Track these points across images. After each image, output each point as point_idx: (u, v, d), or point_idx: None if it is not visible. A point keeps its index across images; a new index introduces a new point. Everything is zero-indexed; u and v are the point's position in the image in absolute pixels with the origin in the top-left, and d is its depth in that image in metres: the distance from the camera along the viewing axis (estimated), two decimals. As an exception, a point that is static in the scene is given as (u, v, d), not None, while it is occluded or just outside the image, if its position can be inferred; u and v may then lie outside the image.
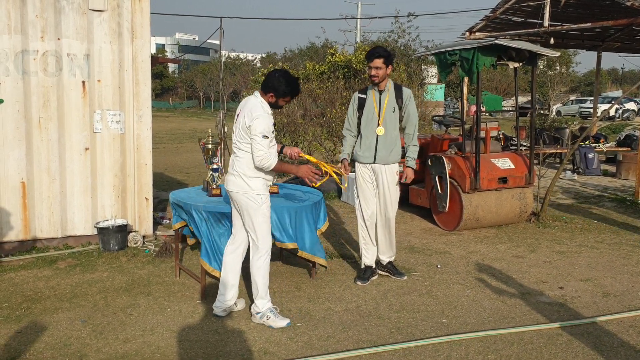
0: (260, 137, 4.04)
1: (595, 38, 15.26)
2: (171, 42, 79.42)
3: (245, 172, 4.19)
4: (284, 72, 4.25)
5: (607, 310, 4.64)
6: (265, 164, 4.09)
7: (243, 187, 4.20)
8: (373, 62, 5.11)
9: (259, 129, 4.04)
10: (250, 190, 4.19)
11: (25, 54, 5.74)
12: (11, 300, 4.71)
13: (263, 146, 4.06)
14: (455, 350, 3.90)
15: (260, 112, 4.11)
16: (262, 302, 4.30)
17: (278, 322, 4.25)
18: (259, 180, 4.21)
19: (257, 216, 4.22)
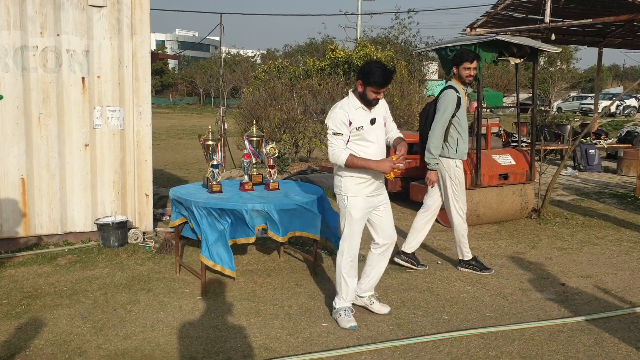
0: (330, 133, 4.04)
1: (596, 34, 15.23)
2: (171, 38, 79.35)
3: (338, 171, 4.19)
4: (377, 61, 4.19)
5: (609, 307, 4.63)
6: (336, 161, 4.05)
7: (336, 185, 4.22)
8: (473, 63, 5.17)
9: (329, 125, 4.06)
10: (340, 189, 4.19)
11: (24, 50, 5.72)
12: (11, 296, 4.70)
13: (332, 142, 4.04)
14: (456, 346, 3.89)
15: (335, 109, 4.09)
16: (339, 301, 4.29)
17: (344, 323, 4.19)
18: (349, 179, 4.14)
19: (345, 216, 4.18)
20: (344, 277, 4.25)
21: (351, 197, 4.13)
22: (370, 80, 3.96)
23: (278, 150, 5.84)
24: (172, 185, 7.39)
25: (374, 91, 4.01)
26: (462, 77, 5.27)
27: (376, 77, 3.94)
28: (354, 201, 4.14)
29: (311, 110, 12.26)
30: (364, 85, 4.01)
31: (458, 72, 5.28)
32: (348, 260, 4.23)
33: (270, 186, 5.32)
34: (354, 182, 4.13)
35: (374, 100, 4.07)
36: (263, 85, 12.82)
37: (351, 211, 4.14)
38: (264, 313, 4.42)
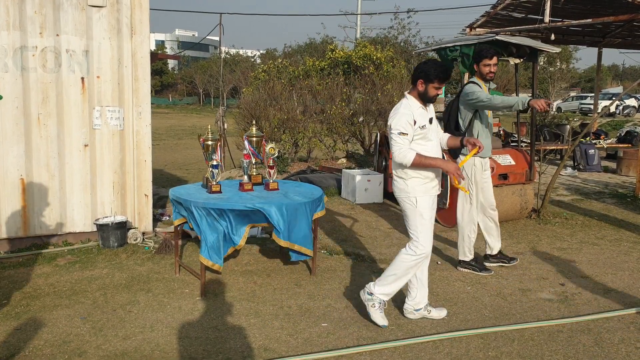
0: (396, 133, 4.03)
1: (596, 34, 15.22)
2: (171, 38, 79.34)
3: (400, 174, 4.19)
4: (433, 59, 4.28)
5: (608, 307, 4.63)
6: (404, 160, 4.02)
7: (400, 189, 4.20)
8: (493, 59, 5.22)
9: (394, 126, 4.05)
10: (406, 192, 4.17)
11: (24, 50, 5.71)
12: (10, 297, 4.70)
13: (398, 142, 4.03)
14: (456, 347, 3.89)
15: (398, 110, 4.11)
16: (381, 289, 4.22)
17: (377, 317, 4.20)
18: (414, 180, 4.15)
19: (415, 217, 4.16)
20: (405, 275, 4.21)
21: (420, 198, 4.15)
22: (432, 77, 4.05)
23: (277, 150, 5.84)
24: (171, 186, 7.39)
25: (436, 87, 4.10)
26: (482, 74, 5.36)
27: (439, 72, 4.05)
28: (422, 201, 4.16)
29: (311, 110, 12.25)
30: (426, 83, 4.09)
31: (479, 69, 5.37)
32: (418, 260, 4.19)
33: (269, 186, 5.32)
34: (420, 183, 4.16)
35: (434, 97, 4.15)
36: (262, 85, 12.81)
37: (422, 212, 4.15)
38: (263, 313, 4.42)
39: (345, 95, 12.25)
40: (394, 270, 4.21)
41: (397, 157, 4.04)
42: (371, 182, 8.55)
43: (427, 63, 4.13)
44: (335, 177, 9.46)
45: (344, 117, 11.93)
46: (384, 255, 5.98)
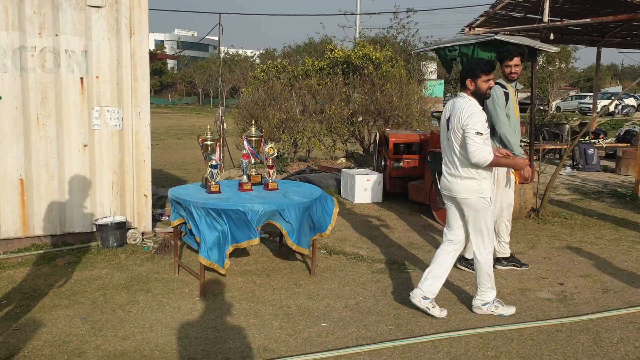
0: (473, 133, 4.08)
1: (595, 34, 15.23)
2: (170, 38, 79.30)
3: (473, 175, 4.24)
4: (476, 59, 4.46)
5: (607, 307, 4.64)
6: (482, 159, 4.08)
7: (473, 190, 4.25)
8: (513, 60, 5.29)
9: (472, 125, 4.09)
10: (480, 192, 4.25)
11: (23, 50, 5.72)
12: (10, 297, 4.70)
13: (476, 142, 4.07)
14: (455, 346, 3.90)
15: (474, 110, 4.16)
16: (487, 296, 4.42)
17: (505, 311, 4.41)
18: (486, 181, 4.27)
19: (488, 216, 4.30)
20: (490, 269, 4.40)
21: (492, 197, 4.33)
22: (478, 72, 4.20)
23: (277, 150, 5.84)
24: (171, 186, 7.39)
25: (485, 80, 4.21)
26: (505, 75, 5.45)
27: (482, 65, 4.21)
28: (493, 200, 4.35)
29: (310, 110, 12.25)
30: (475, 80, 4.22)
31: (502, 70, 5.48)
32: (491, 252, 4.40)
33: (269, 186, 5.32)
34: (490, 183, 4.32)
35: (487, 92, 4.28)
36: (262, 85, 12.79)
37: (492, 209, 4.34)
38: (262, 313, 4.42)
39: (344, 95, 12.25)
40: (483, 276, 4.41)
41: (477, 156, 4.08)
42: (370, 181, 8.55)
43: (468, 63, 4.35)
44: (334, 176, 9.46)
45: (343, 117, 11.93)
46: (383, 255, 5.98)
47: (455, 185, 4.31)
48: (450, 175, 4.35)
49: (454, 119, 4.23)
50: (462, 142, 4.17)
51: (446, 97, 32.48)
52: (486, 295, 4.44)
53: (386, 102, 11.80)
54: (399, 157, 8.59)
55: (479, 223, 4.31)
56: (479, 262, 4.40)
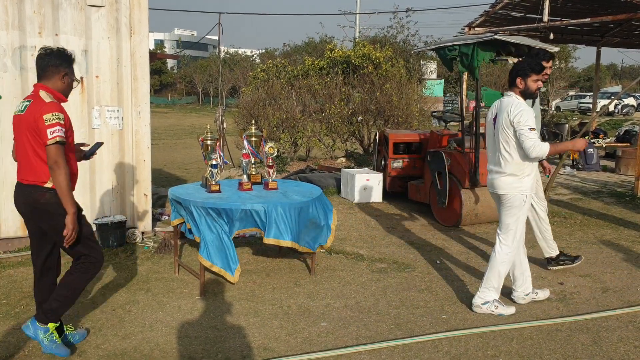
0: (527, 129, 4.15)
1: (595, 33, 15.24)
2: (169, 37, 79.27)
3: (516, 173, 4.31)
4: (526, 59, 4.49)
5: (607, 306, 4.64)
6: (539, 152, 4.15)
7: (513, 187, 4.33)
8: (549, 62, 5.26)
9: (524, 122, 4.16)
10: (519, 189, 4.32)
11: (23, 49, 5.72)
12: (10, 296, 4.70)
13: (530, 137, 4.15)
14: (455, 346, 3.90)
15: (523, 107, 4.24)
16: (490, 293, 4.46)
17: (504, 311, 4.44)
18: (527, 178, 4.34)
19: (520, 213, 4.37)
20: (504, 269, 4.45)
21: (528, 196, 4.38)
22: (528, 71, 4.30)
23: (277, 149, 5.84)
24: (171, 185, 7.40)
25: (535, 80, 4.31)
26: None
27: (533, 65, 4.30)
28: (529, 199, 4.42)
29: (310, 109, 12.25)
30: (525, 79, 4.31)
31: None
32: (513, 252, 4.45)
33: (269, 186, 5.32)
34: (531, 181, 4.37)
35: (536, 91, 4.38)
36: (262, 84, 12.79)
37: (527, 208, 4.41)
38: (262, 313, 4.43)
39: (344, 94, 12.25)
40: (494, 273, 4.45)
41: (535, 151, 4.15)
42: (370, 181, 8.56)
43: (519, 63, 4.42)
44: (334, 176, 9.47)
45: (343, 117, 11.92)
46: (383, 255, 5.99)
47: (496, 181, 4.42)
48: (494, 173, 4.46)
49: (501, 116, 4.33)
50: (509, 139, 4.28)
51: (446, 96, 32.49)
52: (488, 294, 4.46)
53: (386, 102, 11.80)
54: (398, 157, 8.59)
55: (509, 219, 4.40)
56: (495, 258, 4.45)
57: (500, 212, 4.47)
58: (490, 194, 4.61)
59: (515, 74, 4.35)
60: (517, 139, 4.21)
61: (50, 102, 3.51)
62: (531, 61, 4.37)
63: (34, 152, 3.55)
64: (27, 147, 3.56)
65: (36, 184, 3.59)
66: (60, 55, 3.68)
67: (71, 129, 3.69)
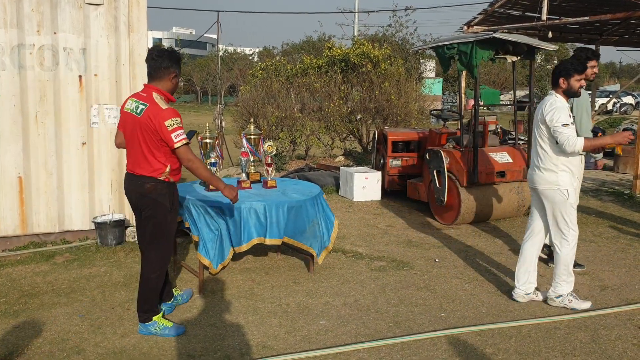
0: (559, 125, 4.27)
1: (593, 32, 15.24)
2: (168, 36, 79.18)
3: (552, 168, 4.44)
4: (566, 59, 4.60)
5: (605, 304, 4.65)
6: (573, 147, 4.25)
7: (550, 182, 4.44)
8: (594, 61, 5.36)
9: (557, 119, 4.29)
10: (557, 184, 4.42)
11: (21, 48, 5.71)
12: (9, 295, 4.70)
13: (564, 133, 4.25)
14: (454, 344, 3.91)
15: (557, 104, 4.37)
16: (564, 288, 4.54)
17: (580, 305, 4.51)
18: (564, 173, 4.43)
19: (566, 208, 4.44)
20: (571, 261, 4.54)
21: (570, 190, 4.44)
22: (571, 71, 4.42)
23: (275, 148, 5.84)
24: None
25: (577, 79, 4.43)
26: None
27: (575, 65, 4.44)
28: (572, 193, 4.46)
29: (309, 108, 12.24)
30: (568, 79, 4.43)
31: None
32: (574, 245, 4.53)
33: (267, 184, 5.33)
34: (569, 175, 4.45)
35: (579, 90, 4.50)
36: (260, 83, 12.77)
37: (572, 202, 4.47)
38: (261, 311, 4.43)
39: (343, 93, 12.24)
40: (560, 269, 4.52)
41: (569, 146, 4.26)
42: (369, 179, 8.56)
43: (562, 63, 4.53)
44: (333, 175, 9.47)
45: (341, 115, 11.92)
46: (382, 253, 5.99)
47: (534, 177, 4.56)
48: (533, 168, 4.61)
49: (537, 113, 4.49)
50: (543, 135, 4.42)
51: (444, 95, 32.52)
52: (561, 288, 4.54)
53: (385, 100, 11.80)
54: (397, 155, 8.59)
55: (556, 216, 4.47)
56: (558, 254, 4.54)
57: (547, 211, 4.53)
58: (530, 189, 4.73)
59: (558, 74, 4.47)
60: (551, 135, 4.35)
61: (167, 108, 3.75)
62: (573, 61, 4.51)
63: (149, 150, 3.81)
64: (142, 145, 3.81)
65: (148, 176, 3.86)
66: (171, 57, 3.87)
67: None
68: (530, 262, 4.67)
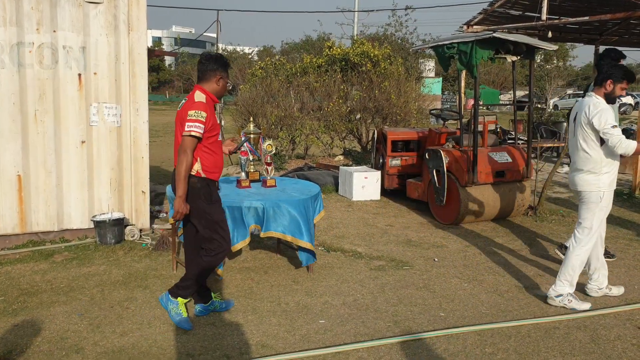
0: (609, 127, 4.30)
1: (593, 32, 15.24)
2: (168, 34, 79.12)
3: (594, 170, 4.48)
4: (620, 64, 4.63)
5: (604, 304, 4.65)
6: (626, 148, 4.31)
7: (591, 183, 4.48)
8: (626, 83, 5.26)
9: (606, 120, 4.30)
10: (597, 186, 4.47)
11: (20, 46, 5.70)
12: (8, 293, 4.69)
13: (614, 135, 4.29)
14: (453, 343, 3.91)
15: (602, 106, 4.39)
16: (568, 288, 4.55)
17: (578, 306, 4.50)
18: (606, 176, 4.48)
19: (596, 209, 4.49)
20: (579, 263, 4.56)
21: (607, 193, 4.50)
22: (621, 77, 4.43)
23: (275, 147, 5.84)
24: (168, 183, 7.38)
25: (622, 87, 4.48)
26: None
27: (628, 74, 4.46)
28: (608, 195, 4.52)
29: (308, 107, 12.24)
30: (615, 84, 4.45)
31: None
32: (587, 248, 4.55)
33: (267, 183, 5.32)
34: (609, 178, 4.50)
35: (617, 98, 4.55)
36: (260, 82, 12.76)
37: (603, 205, 4.51)
38: (260, 310, 4.43)
39: (342, 92, 12.24)
40: (568, 268, 4.55)
41: (620, 147, 4.32)
42: (368, 179, 8.56)
43: (615, 66, 4.53)
44: (332, 174, 9.47)
45: (341, 114, 11.91)
46: (381, 252, 5.99)
47: (575, 179, 4.59)
48: (573, 170, 4.64)
49: (580, 116, 4.48)
50: (587, 137, 4.44)
51: (444, 94, 32.52)
52: (562, 287, 4.56)
53: (384, 100, 11.79)
54: (397, 155, 8.59)
55: (586, 214, 4.52)
56: (570, 253, 4.57)
57: (579, 208, 4.59)
58: (572, 192, 4.72)
59: (607, 75, 4.45)
60: (597, 137, 4.37)
61: (198, 102, 3.92)
62: (627, 70, 4.50)
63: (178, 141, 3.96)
64: (179, 138, 3.96)
65: None
66: (217, 61, 4.07)
67: (215, 126, 4.03)
68: (597, 259, 4.72)
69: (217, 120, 4.07)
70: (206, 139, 3.95)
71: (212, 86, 4.06)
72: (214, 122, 3.99)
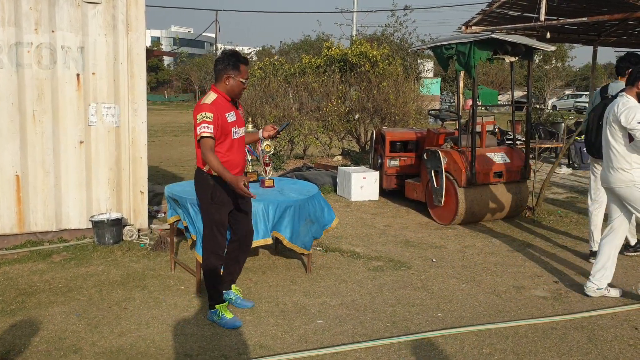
0: (636, 123, 4.35)
1: (591, 32, 15.28)
2: (166, 34, 79.08)
3: (623, 166, 4.55)
4: None
5: (602, 304, 4.66)
6: None
7: (623, 181, 4.56)
8: None
9: (633, 117, 4.36)
10: (632, 179, 4.53)
11: (19, 46, 5.70)
12: (5, 293, 4.69)
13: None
14: (450, 344, 3.91)
15: (631, 104, 4.46)
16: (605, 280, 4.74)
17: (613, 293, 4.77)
18: (638, 170, 4.54)
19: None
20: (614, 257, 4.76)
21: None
22: None
23: (273, 147, 5.84)
24: (167, 183, 7.38)
25: None
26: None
27: None
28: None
29: (307, 107, 12.25)
30: None
31: None
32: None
33: (265, 183, 5.32)
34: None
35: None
36: (258, 82, 12.77)
37: None
38: (259, 311, 4.43)
39: (341, 92, 12.25)
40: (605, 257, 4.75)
41: None
42: (367, 179, 8.57)
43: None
44: (330, 174, 9.47)
45: (339, 115, 11.92)
46: (379, 253, 5.99)
47: (609, 177, 4.66)
48: (606, 168, 4.70)
49: (609, 114, 4.56)
50: (616, 135, 4.52)
51: (443, 95, 32.53)
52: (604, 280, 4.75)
53: (383, 100, 11.80)
54: (395, 155, 8.60)
55: (635, 206, 4.58)
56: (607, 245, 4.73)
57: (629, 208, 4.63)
58: (605, 189, 4.84)
59: (638, 75, 4.52)
60: (625, 135, 4.43)
61: (203, 104, 4.00)
62: None
63: (197, 142, 4.03)
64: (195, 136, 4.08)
65: (198, 167, 4.20)
66: (224, 60, 4.07)
67: (227, 124, 4.04)
68: (607, 258, 4.77)
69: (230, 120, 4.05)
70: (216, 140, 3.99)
71: (222, 86, 4.09)
72: (223, 122, 3.99)
